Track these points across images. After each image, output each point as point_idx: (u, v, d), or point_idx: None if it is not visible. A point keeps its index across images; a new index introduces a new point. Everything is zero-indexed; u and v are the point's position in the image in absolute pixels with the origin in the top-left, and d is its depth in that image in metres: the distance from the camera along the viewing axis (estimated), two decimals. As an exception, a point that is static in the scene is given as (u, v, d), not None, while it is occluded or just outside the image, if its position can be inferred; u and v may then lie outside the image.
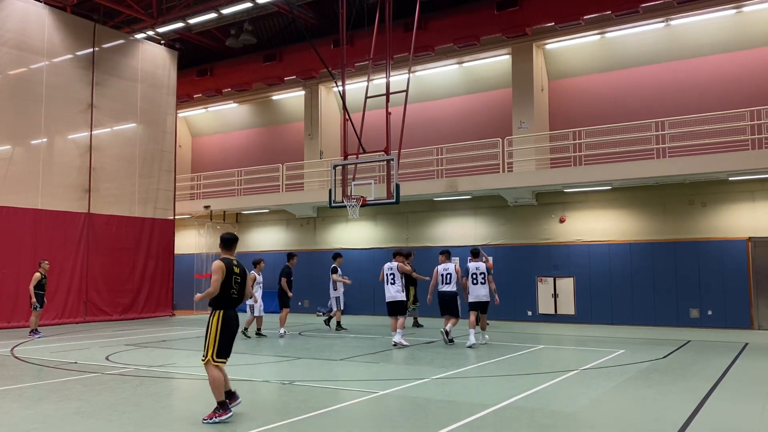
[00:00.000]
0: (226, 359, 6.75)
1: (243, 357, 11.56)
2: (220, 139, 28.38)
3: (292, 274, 15.43)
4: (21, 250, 17.88)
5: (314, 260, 23.03)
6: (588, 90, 19.94)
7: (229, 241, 7.05)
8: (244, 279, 6.87)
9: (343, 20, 15.67)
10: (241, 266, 6.89)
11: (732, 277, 16.40)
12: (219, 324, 6.64)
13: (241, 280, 6.81)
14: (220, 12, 20.36)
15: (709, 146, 16.43)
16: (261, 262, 15.28)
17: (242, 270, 6.89)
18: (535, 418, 6.54)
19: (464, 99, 22.03)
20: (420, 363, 10.58)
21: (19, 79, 18.46)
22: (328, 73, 17.11)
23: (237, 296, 6.77)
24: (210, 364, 6.60)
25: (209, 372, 6.60)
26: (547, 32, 19.30)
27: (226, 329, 6.68)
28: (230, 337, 6.76)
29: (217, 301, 6.68)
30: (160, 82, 22.64)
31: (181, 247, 24.68)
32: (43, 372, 9.80)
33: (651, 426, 6.26)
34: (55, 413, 6.87)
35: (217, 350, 6.62)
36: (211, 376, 6.57)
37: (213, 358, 6.61)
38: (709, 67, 18.16)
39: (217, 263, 6.72)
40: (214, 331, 6.62)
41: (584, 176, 17.30)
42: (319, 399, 7.68)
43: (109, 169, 20.70)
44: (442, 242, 20.52)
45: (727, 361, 10.54)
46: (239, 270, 6.81)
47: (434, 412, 6.94)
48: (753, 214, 16.42)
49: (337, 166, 15.11)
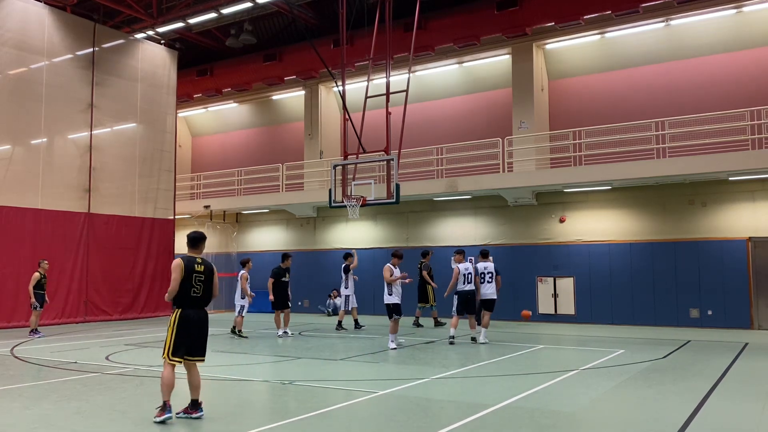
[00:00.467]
0: (184, 359, 6.63)
1: (243, 357, 11.57)
2: (220, 139, 28.38)
3: (284, 275, 14.90)
4: (21, 249, 17.87)
5: (314, 260, 23.05)
6: (588, 90, 19.93)
7: (194, 240, 6.93)
8: (210, 277, 6.79)
9: (343, 20, 15.67)
10: (206, 264, 6.78)
11: (732, 277, 16.40)
12: (175, 323, 6.58)
13: (206, 278, 6.72)
14: (220, 12, 20.35)
15: (709, 146, 16.43)
16: (249, 261, 15.32)
17: (207, 268, 6.77)
18: (535, 418, 6.54)
19: (464, 99, 22.02)
20: (420, 363, 10.58)
21: (19, 78, 18.46)
22: (328, 73, 17.10)
23: (199, 295, 6.67)
24: (166, 362, 6.58)
25: (163, 369, 6.60)
26: (547, 32, 19.30)
27: (182, 328, 6.57)
28: (189, 337, 6.61)
29: (176, 300, 6.63)
30: (160, 82, 22.63)
31: (181, 247, 24.63)
32: (43, 372, 9.80)
33: (651, 426, 6.26)
34: (55, 413, 6.87)
35: (172, 349, 6.55)
36: (162, 374, 6.57)
37: (168, 356, 6.56)
38: (709, 67, 18.16)
39: (176, 261, 6.64)
40: (170, 330, 6.59)
41: (584, 176, 17.30)
42: (319, 399, 7.68)
43: (109, 168, 20.69)
44: (442, 242, 20.53)
45: (727, 361, 10.54)
46: (203, 268, 6.72)
47: (434, 412, 6.94)
48: (753, 214, 16.42)
49: (337, 166, 15.11)
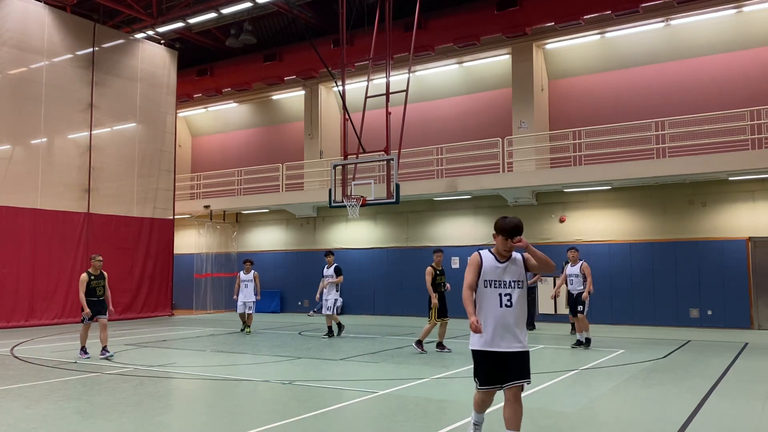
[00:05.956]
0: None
1: (243, 357, 11.56)
2: (220, 139, 28.37)
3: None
4: (20, 249, 17.88)
5: (314, 260, 23.03)
6: (588, 90, 19.93)
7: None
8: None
9: (343, 20, 15.66)
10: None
11: (732, 277, 16.40)
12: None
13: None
14: (220, 12, 20.34)
15: (709, 146, 16.43)
16: (247, 262, 16.57)
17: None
18: (535, 418, 6.53)
19: (464, 99, 22.02)
20: (420, 363, 10.57)
21: (19, 78, 18.45)
22: (328, 73, 17.10)
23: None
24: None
25: None
26: (547, 32, 19.29)
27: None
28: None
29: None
30: (160, 82, 22.62)
31: (180, 246, 24.68)
32: (43, 372, 9.79)
33: (651, 426, 6.25)
34: (55, 413, 6.87)
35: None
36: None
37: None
38: (709, 67, 18.15)
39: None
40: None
41: (584, 176, 17.30)
42: (319, 399, 7.67)
43: (108, 168, 20.68)
44: (442, 242, 20.53)
45: (727, 361, 10.54)
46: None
47: (434, 412, 6.94)
48: (753, 214, 16.42)
49: (337, 165, 15.10)
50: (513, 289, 5.00)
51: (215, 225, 24.75)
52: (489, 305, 4.97)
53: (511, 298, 4.97)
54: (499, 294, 4.98)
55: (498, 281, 4.99)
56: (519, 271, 5.03)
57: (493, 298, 4.97)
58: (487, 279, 5.00)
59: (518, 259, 5.07)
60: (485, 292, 4.99)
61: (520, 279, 5.03)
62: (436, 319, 11.72)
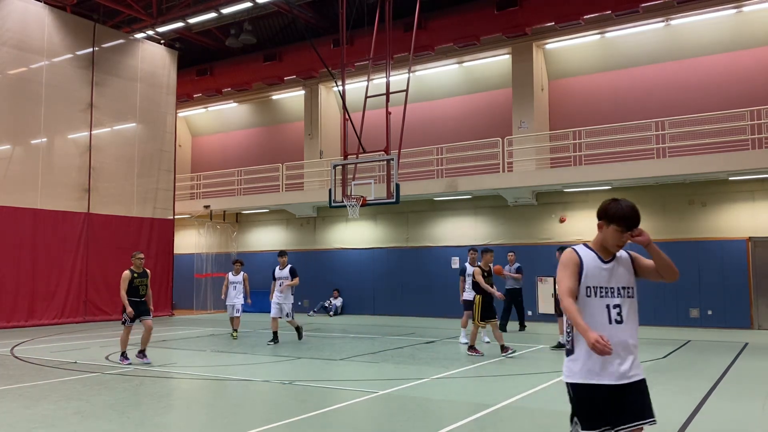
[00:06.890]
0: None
1: (243, 357, 11.56)
2: (220, 139, 28.37)
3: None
4: (20, 249, 17.87)
5: (314, 260, 23.04)
6: (588, 90, 19.93)
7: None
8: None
9: (343, 20, 15.67)
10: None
11: (732, 277, 16.40)
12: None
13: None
14: (220, 12, 20.34)
15: (709, 146, 16.43)
16: (236, 263, 15.41)
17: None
18: (535, 418, 6.54)
19: (464, 99, 22.02)
20: (420, 363, 10.57)
21: (18, 78, 18.45)
22: (328, 73, 17.10)
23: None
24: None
25: None
26: (547, 32, 19.29)
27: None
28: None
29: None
30: (160, 82, 22.62)
31: (180, 246, 24.67)
32: (43, 372, 9.79)
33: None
34: (55, 413, 6.87)
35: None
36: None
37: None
38: (709, 67, 18.15)
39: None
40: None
41: (584, 176, 17.29)
42: (319, 399, 7.68)
43: (108, 168, 20.68)
44: (442, 242, 20.54)
45: (727, 361, 10.54)
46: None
47: (434, 412, 6.94)
48: (753, 214, 16.42)
49: (337, 165, 15.10)
50: (623, 298, 3.70)
51: (215, 225, 24.75)
52: (594, 321, 3.59)
53: (621, 311, 3.68)
54: (606, 305, 3.64)
55: (604, 288, 3.65)
56: (628, 274, 3.75)
57: (600, 312, 3.63)
58: (589, 285, 3.63)
59: (626, 259, 3.77)
60: (587, 303, 3.62)
61: (630, 285, 3.74)
62: (479, 321, 11.18)
